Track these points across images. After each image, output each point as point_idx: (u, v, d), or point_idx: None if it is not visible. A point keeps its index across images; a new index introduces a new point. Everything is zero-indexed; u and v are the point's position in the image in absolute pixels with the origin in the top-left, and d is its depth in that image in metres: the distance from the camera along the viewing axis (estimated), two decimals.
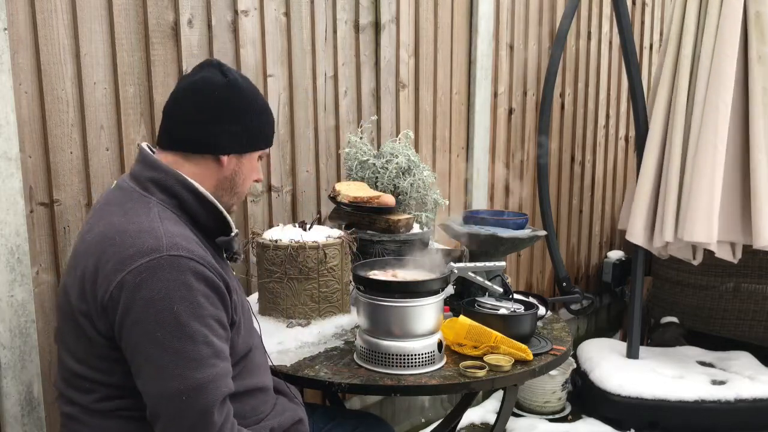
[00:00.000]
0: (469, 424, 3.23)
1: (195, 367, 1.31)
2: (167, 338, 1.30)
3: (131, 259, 1.32)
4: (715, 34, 3.01)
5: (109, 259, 1.34)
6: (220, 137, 1.47)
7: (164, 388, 1.31)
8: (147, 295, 1.30)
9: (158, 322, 1.30)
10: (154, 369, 1.32)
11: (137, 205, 1.42)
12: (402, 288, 1.81)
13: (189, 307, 1.31)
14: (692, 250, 3.28)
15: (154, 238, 1.34)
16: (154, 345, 1.31)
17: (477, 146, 3.28)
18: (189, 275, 1.32)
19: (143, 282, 1.30)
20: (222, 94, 1.46)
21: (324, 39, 2.57)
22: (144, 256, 1.32)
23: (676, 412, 3.12)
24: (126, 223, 1.38)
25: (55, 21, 1.87)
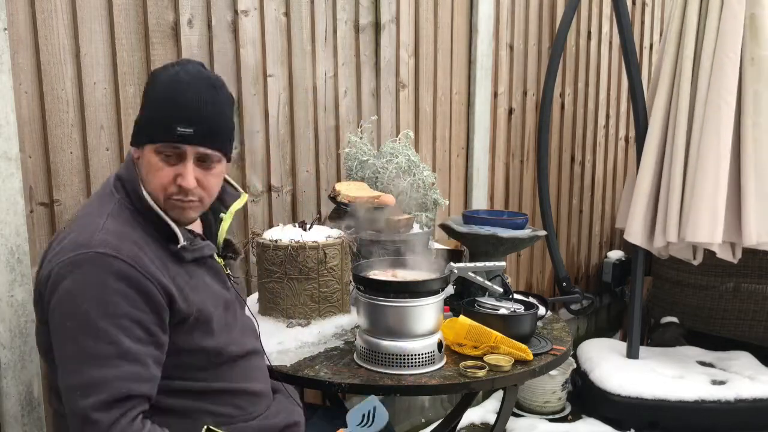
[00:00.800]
0: (469, 424, 3.23)
1: (93, 364, 1.30)
2: (74, 332, 1.32)
3: (62, 252, 1.35)
4: (715, 35, 3.02)
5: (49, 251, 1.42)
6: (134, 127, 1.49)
7: (64, 381, 1.33)
8: (66, 287, 1.32)
9: (70, 315, 1.32)
10: (59, 360, 1.35)
11: (100, 202, 1.46)
12: (402, 288, 1.81)
13: (100, 305, 1.31)
14: (692, 250, 3.28)
15: (89, 233, 1.36)
16: (64, 337, 1.33)
17: (477, 146, 3.28)
18: (108, 274, 1.32)
19: (66, 275, 1.33)
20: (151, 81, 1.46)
21: (324, 39, 2.57)
22: (73, 250, 1.34)
23: (676, 412, 3.12)
24: (79, 218, 1.45)
25: (55, 21, 1.87)
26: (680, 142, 3.13)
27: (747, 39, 3.01)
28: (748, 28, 3.00)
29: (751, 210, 3.03)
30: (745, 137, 3.03)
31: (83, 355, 1.31)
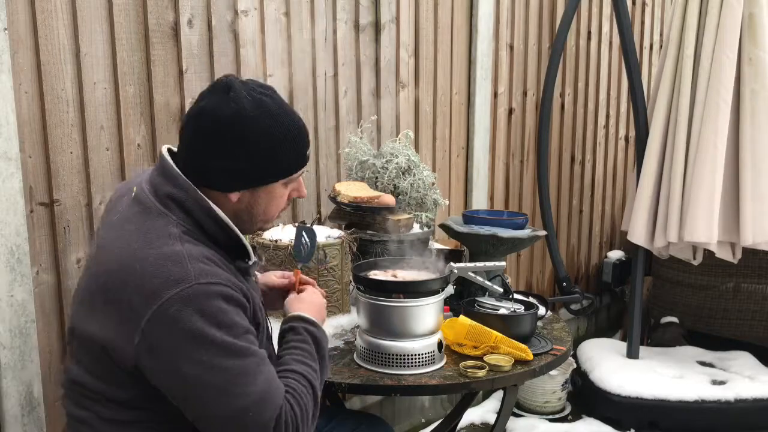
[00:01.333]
0: (469, 424, 3.23)
1: (252, 380, 1.30)
2: (216, 361, 1.28)
3: (159, 292, 1.28)
4: (715, 34, 3.02)
5: (134, 292, 1.30)
6: (222, 175, 1.40)
7: (228, 409, 1.29)
8: (185, 326, 1.27)
9: (204, 348, 1.28)
10: (212, 393, 1.29)
11: (156, 224, 1.36)
12: (402, 288, 1.81)
13: (228, 331, 1.30)
14: (692, 250, 3.29)
15: (178, 265, 1.30)
16: (204, 371, 1.28)
17: (477, 146, 3.28)
18: (221, 301, 1.31)
19: (178, 314, 1.27)
20: (223, 127, 1.36)
21: (324, 39, 2.57)
22: (172, 287, 1.28)
23: (676, 412, 3.12)
24: (146, 247, 1.33)
25: (55, 21, 1.87)
26: (680, 142, 3.13)
27: (745, 39, 3.01)
28: (747, 28, 3.01)
29: (748, 210, 3.03)
30: (743, 137, 3.04)
31: (239, 375, 1.30)
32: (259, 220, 1.49)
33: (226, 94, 1.38)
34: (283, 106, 1.43)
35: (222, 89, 1.39)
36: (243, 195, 1.43)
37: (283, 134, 1.40)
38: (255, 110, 1.37)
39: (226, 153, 1.37)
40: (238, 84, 1.40)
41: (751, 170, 3.04)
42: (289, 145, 1.42)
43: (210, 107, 1.38)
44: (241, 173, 1.40)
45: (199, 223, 1.39)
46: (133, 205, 1.42)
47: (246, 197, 1.43)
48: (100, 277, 1.38)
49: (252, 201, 1.44)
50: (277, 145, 1.40)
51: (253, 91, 1.40)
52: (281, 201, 1.48)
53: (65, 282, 1.97)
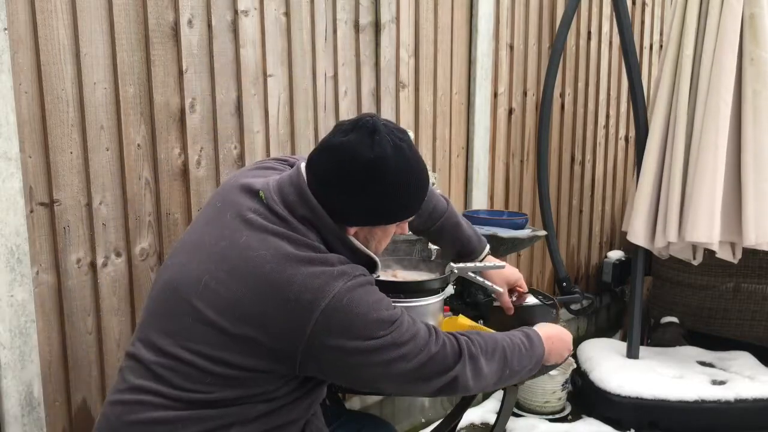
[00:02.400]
0: (469, 424, 3.22)
1: (417, 331, 1.45)
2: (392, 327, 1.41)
3: (327, 286, 1.37)
4: (715, 34, 3.02)
5: (298, 291, 1.37)
6: (347, 209, 1.48)
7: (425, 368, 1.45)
8: (358, 310, 1.38)
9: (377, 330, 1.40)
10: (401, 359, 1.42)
11: (301, 236, 1.44)
12: (402, 288, 1.81)
13: (388, 308, 1.44)
14: (692, 250, 3.28)
15: (334, 263, 1.41)
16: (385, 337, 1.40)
17: (477, 146, 3.28)
18: (371, 284, 1.46)
19: (351, 302, 1.37)
20: (359, 169, 1.43)
21: (324, 39, 2.57)
22: (337, 280, 1.38)
23: (676, 412, 3.12)
24: (296, 250, 1.41)
25: (55, 21, 1.87)
26: (680, 141, 3.13)
27: (746, 39, 3.01)
28: (748, 28, 3.01)
29: (750, 210, 3.03)
30: (745, 137, 3.04)
31: (412, 333, 1.44)
32: (375, 250, 1.58)
33: (370, 137, 1.43)
34: (416, 154, 1.52)
35: (368, 131, 1.44)
36: (361, 230, 1.53)
37: (414, 183, 1.51)
38: (394, 157, 1.44)
39: (358, 191, 1.45)
40: (382, 127, 1.46)
41: (754, 170, 3.04)
42: (415, 192, 1.53)
43: (352, 146, 1.43)
44: (367, 212, 1.49)
45: (333, 248, 1.48)
46: (267, 214, 1.47)
47: (363, 232, 1.53)
48: (239, 268, 1.42)
49: (368, 236, 1.55)
50: (407, 192, 1.50)
51: (393, 136, 1.46)
52: (390, 237, 1.61)
53: (65, 282, 1.97)
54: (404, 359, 1.41)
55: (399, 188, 1.47)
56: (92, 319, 2.04)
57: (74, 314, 2.01)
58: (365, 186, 1.44)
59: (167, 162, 2.16)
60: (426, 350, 1.43)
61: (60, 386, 2.01)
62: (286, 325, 1.36)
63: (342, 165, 1.44)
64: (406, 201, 1.52)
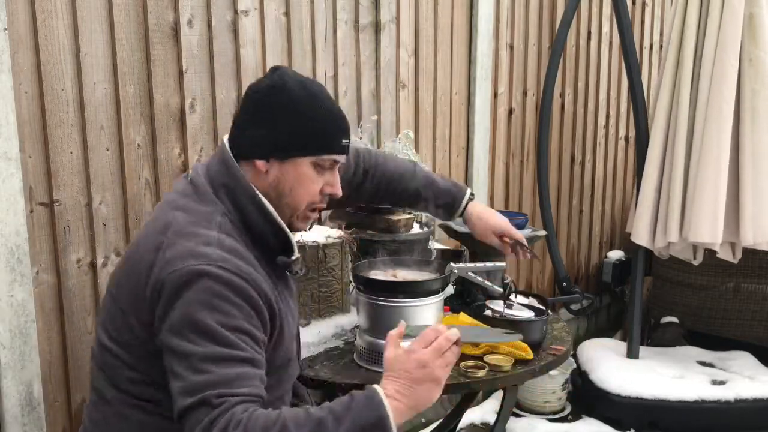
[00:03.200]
0: (469, 424, 3.22)
1: (222, 365, 1.31)
2: (198, 338, 1.31)
3: (179, 259, 1.35)
4: (716, 35, 3.02)
5: (161, 254, 1.38)
6: (251, 139, 1.47)
7: (187, 381, 1.31)
8: (189, 296, 1.32)
9: (193, 323, 1.31)
10: (180, 361, 1.32)
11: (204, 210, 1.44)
12: (402, 288, 1.81)
13: (222, 317, 1.32)
14: (693, 250, 3.28)
15: (205, 244, 1.37)
16: (187, 341, 1.32)
17: (477, 146, 3.28)
18: (230, 290, 1.34)
19: (186, 284, 1.33)
20: (260, 96, 1.46)
21: (324, 39, 2.57)
22: (192, 259, 1.34)
23: (676, 412, 3.12)
24: (188, 225, 1.41)
25: (55, 21, 1.87)
26: (681, 142, 3.13)
27: (745, 39, 3.01)
28: (747, 28, 3.00)
29: (748, 209, 3.03)
30: (743, 136, 3.03)
31: (210, 357, 1.30)
32: (286, 204, 1.49)
33: (272, 72, 1.49)
34: (326, 92, 1.51)
35: (273, 70, 1.50)
36: (272, 166, 1.46)
37: (318, 110, 1.47)
38: (295, 85, 1.46)
39: (257, 118, 1.46)
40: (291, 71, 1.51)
41: (752, 169, 3.04)
42: (320, 123, 1.47)
43: (253, 84, 1.51)
44: (269, 139, 1.45)
45: (245, 214, 1.46)
46: (187, 186, 1.50)
47: (275, 170, 1.46)
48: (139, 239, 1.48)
49: (279, 176, 1.47)
50: (308, 119, 1.45)
51: (302, 77, 1.50)
52: (310, 187, 1.49)
53: (65, 282, 1.97)
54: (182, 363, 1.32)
55: (295, 112, 1.44)
56: (92, 319, 2.04)
57: (74, 314, 2.01)
58: (262, 111, 1.45)
59: (167, 162, 2.16)
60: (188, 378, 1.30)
61: (60, 386, 2.01)
62: (147, 285, 1.38)
63: (245, 98, 1.50)
64: (305, 128, 1.45)
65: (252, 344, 1.35)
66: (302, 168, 1.47)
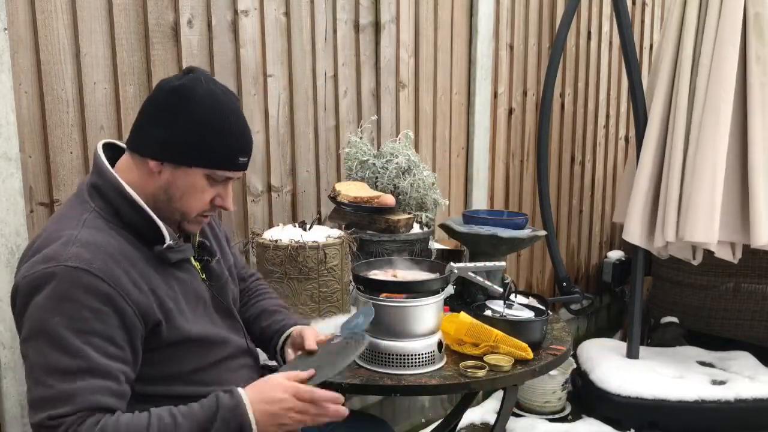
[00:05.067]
0: (469, 424, 3.22)
1: (62, 378, 1.27)
2: (43, 347, 1.29)
3: (33, 265, 1.33)
4: (715, 34, 3.02)
5: (22, 261, 1.40)
6: (149, 138, 1.42)
7: (30, 393, 1.30)
8: (37, 302, 1.30)
9: (40, 330, 1.29)
10: (27, 372, 1.32)
11: (73, 212, 1.42)
12: (402, 288, 1.81)
13: (71, 321, 1.28)
14: (692, 250, 3.28)
15: (61, 245, 1.32)
16: (34, 351, 1.31)
17: (477, 146, 3.28)
18: (78, 289, 1.29)
19: (37, 289, 1.30)
20: (164, 96, 1.42)
21: (324, 39, 2.57)
22: (44, 262, 1.31)
23: (676, 412, 3.12)
24: (51, 229, 1.40)
25: (55, 21, 1.87)
26: (678, 141, 3.12)
27: (751, 38, 2.99)
28: (753, 27, 2.99)
29: (762, 209, 2.99)
30: (754, 136, 3.00)
31: (51, 369, 1.27)
32: (176, 208, 1.45)
33: (185, 74, 1.44)
34: (235, 105, 1.46)
35: (187, 71, 1.45)
36: (164, 170, 1.42)
37: (219, 124, 1.41)
38: (202, 92, 1.41)
39: (158, 118, 1.41)
40: (205, 74, 1.45)
41: (764, 168, 2.99)
42: (221, 137, 1.42)
43: (168, 79, 1.46)
44: (166, 141, 1.40)
45: (117, 209, 1.42)
46: (70, 197, 1.51)
47: (167, 174, 1.42)
48: None
49: (171, 181, 1.42)
50: (208, 130, 1.40)
51: (212, 83, 1.44)
52: (201, 197, 1.45)
53: None
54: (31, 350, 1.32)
55: (196, 121, 1.39)
56: None
57: None
58: (161, 110, 1.41)
59: None
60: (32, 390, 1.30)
61: None
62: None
63: (154, 91, 1.45)
64: (204, 139, 1.40)
65: (105, 347, 1.31)
66: (195, 177, 1.43)
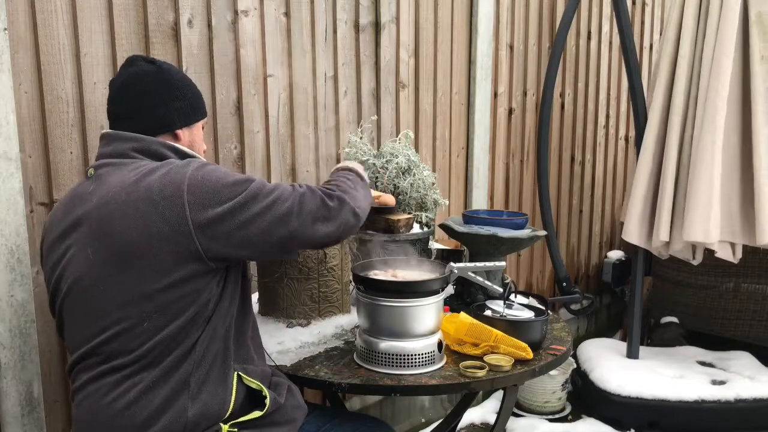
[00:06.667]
0: (469, 424, 3.23)
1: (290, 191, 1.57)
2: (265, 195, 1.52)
3: (179, 174, 1.47)
4: (715, 34, 3.01)
5: (160, 192, 1.46)
6: (171, 115, 1.62)
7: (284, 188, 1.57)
8: (215, 177, 1.49)
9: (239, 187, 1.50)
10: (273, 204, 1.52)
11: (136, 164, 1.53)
12: (402, 288, 1.81)
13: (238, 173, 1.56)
14: (692, 250, 3.28)
15: (174, 161, 1.54)
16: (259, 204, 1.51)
17: (477, 146, 3.28)
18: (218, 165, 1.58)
19: (206, 175, 1.49)
20: (157, 78, 1.62)
21: (324, 39, 2.57)
22: (185, 167, 1.49)
23: (676, 412, 3.12)
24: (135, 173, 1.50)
25: (55, 21, 1.87)
26: (674, 141, 3.12)
27: (754, 37, 2.99)
28: (756, 27, 2.99)
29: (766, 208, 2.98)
30: (757, 135, 3.00)
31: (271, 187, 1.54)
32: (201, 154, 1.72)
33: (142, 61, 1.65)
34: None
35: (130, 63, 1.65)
36: (184, 133, 1.66)
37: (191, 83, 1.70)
38: (165, 66, 1.66)
39: (169, 97, 1.63)
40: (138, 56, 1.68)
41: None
42: (196, 91, 1.71)
43: (134, 74, 1.62)
44: (184, 111, 1.65)
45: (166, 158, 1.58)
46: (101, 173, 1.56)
47: (187, 135, 1.67)
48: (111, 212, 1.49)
49: (191, 138, 1.68)
50: (191, 90, 1.69)
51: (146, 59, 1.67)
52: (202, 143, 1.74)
53: None
54: (280, 201, 1.52)
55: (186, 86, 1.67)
56: None
57: None
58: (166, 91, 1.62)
59: None
60: (295, 192, 1.56)
61: (60, 386, 2.01)
62: (170, 226, 1.45)
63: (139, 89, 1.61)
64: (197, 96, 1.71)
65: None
66: (198, 128, 1.71)
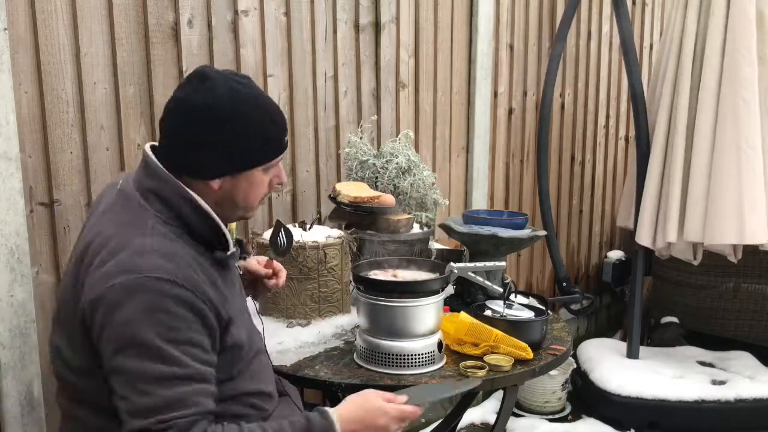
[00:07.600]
0: (469, 424, 3.23)
1: (164, 385, 1.29)
2: (143, 358, 1.29)
3: (110, 275, 1.31)
4: (723, 32, 2.99)
5: (92, 270, 1.34)
6: (202, 163, 1.42)
7: (135, 404, 1.29)
8: (123, 316, 1.29)
9: (133, 343, 1.29)
10: (126, 383, 1.30)
11: (134, 217, 1.40)
12: (402, 288, 1.81)
13: (166, 332, 1.29)
14: (692, 250, 3.28)
15: (138, 255, 1.32)
16: (131, 362, 1.29)
17: (477, 146, 3.28)
18: (169, 301, 1.30)
19: (121, 301, 1.29)
20: (200, 116, 1.40)
21: (324, 39, 2.57)
22: (122, 274, 1.30)
23: (676, 412, 3.12)
24: (117, 235, 1.37)
25: (55, 21, 1.87)
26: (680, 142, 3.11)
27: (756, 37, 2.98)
28: (757, 26, 2.98)
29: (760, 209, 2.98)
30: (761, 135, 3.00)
31: (155, 378, 1.28)
32: (241, 208, 1.50)
33: (201, 84, 1.41)
34: (258, 92, 1.47)
35: (197, 79, 1.42)
36: (224, 182, 1.45)
37: (258, 120, 1.44)
38: (229, 97, 1.40)
39: (203, 141, 1.41)
40: (213, 73, 1.43)
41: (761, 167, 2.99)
42: (265, 130, 1.45)
43: (184, 97, 1.42)
44: (219, 160, 1.42)
45: (180, 214, 1.42)
46: (117, 199, 1.46)
47: (227, 184, 1.45)
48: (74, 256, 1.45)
49: (233, 188, 1.46)
50: (253, 131, 1.43)
51: (228, 80, 1.42)
52: (262, 188, 1.50)
53: None
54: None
55: (239, 128, 1.41)
56: None
57: None
58: (205, 132, 1.40)
59: None
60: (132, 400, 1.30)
61: None
62: (78, 303, 1.36)
63: (180, 119, 1.41)
64: (253, 141, 1.44)
65: (198, 354, 1.33)
66: (254, 176, 1.47)
